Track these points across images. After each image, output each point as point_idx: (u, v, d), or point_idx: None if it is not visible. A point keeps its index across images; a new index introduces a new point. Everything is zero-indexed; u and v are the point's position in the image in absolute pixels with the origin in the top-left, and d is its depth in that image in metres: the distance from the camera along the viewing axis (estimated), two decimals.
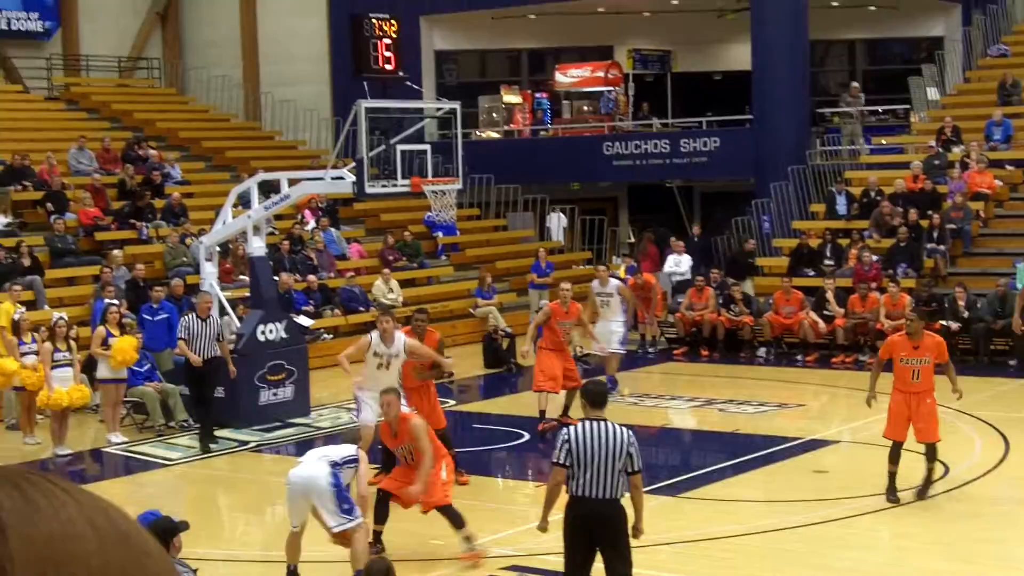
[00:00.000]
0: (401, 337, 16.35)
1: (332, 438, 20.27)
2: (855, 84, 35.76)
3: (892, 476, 15.50)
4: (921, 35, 40.05)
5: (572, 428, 10.97)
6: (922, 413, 15.42)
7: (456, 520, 13.46)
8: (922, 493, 15.45)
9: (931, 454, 15.44)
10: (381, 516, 13.50)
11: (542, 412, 19.69)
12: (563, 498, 11.03)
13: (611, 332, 22.36)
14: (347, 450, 12.85)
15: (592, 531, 10.91)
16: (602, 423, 10.87)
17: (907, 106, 35.77)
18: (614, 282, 23.22)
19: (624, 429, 10.96)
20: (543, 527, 11.52)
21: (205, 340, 19.67)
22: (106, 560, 1.19)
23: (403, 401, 14.74)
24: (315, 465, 12.55)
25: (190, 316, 20.05)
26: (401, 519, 13.75)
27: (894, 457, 15.52)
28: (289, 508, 12.80)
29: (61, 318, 20.47)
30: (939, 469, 16.57)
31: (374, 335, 16.38)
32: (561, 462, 10.78)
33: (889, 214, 28.77)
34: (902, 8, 38.13)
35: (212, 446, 19.53)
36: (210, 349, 19.74)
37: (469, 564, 13.37)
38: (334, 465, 12.49)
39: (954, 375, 16.02)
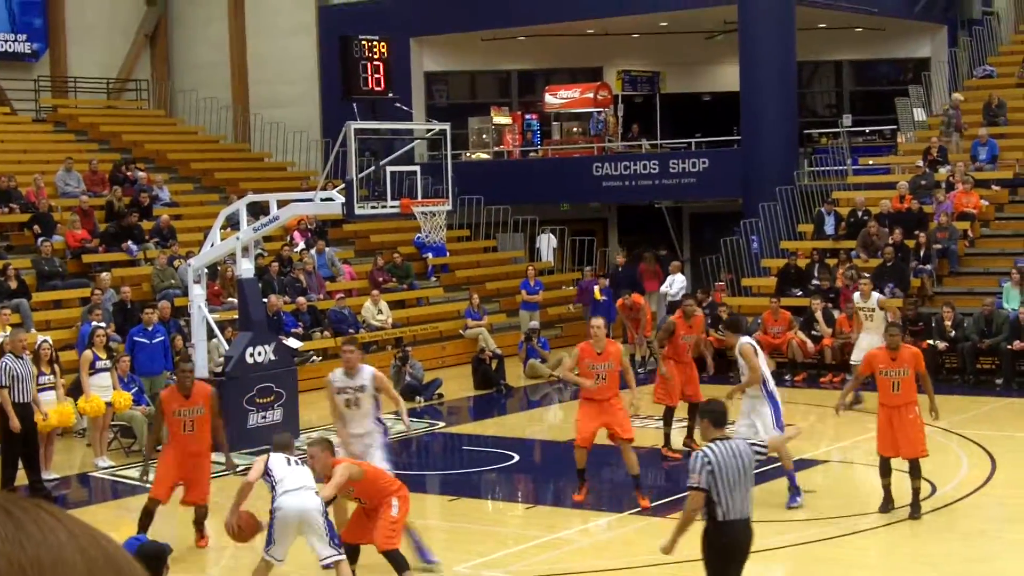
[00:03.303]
0: (369, 369, 14.92)
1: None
2: (957, 96, 34.01)
3: (887, 489, 15.64)
4: (908, 56, 40.17)
5: (710, 450, 10.47)
6: (905, 427, 15.51)
7: (399, 566, 12.79)
8: (914, 514, 15.39)
9: (915, 471, 15.38)
10: (351, 557, 13.18)
11: (580, 471, 17.00)
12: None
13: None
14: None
15: (734, 555, 10.59)
16: (732, 442, 10.64)
17: (894, 127, 35.88)
18: (876, 295, 23.45)
19: (745, 444, 10.77)
20: (669, 550, 10.94)
21: (24, 383, 18.30)
22: None
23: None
24: (308, 497, 12.31)
25: (8, 357, 18.22)
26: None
27: (884, 471, 15.67)
28: (279, 537, 12.39)
29: (45, 341, 20.38)
30: (926, 488, 16.60)
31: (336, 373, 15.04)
32: (703, 486, 10.34)
33: (876, 234, 28.84)
34: (889, 29, 38.23)
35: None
36: (28, 392, 18.26)
37: None
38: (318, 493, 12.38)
39: (931, 391, 16.04)
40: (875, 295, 23.45)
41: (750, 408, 16.80)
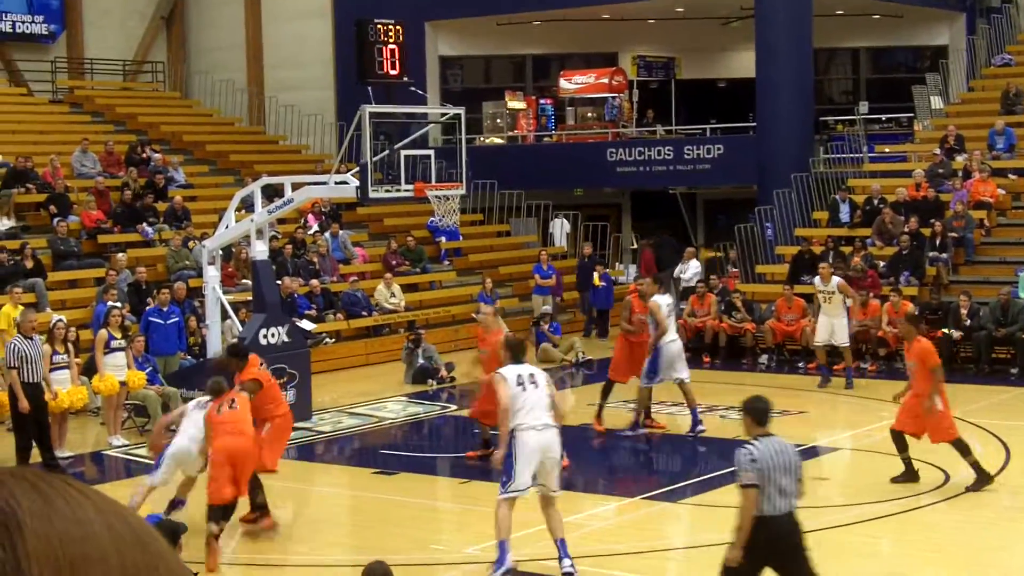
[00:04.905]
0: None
1: (333, 442, 20.42)
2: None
3: (907, 462, 16.21)
4: (925, 44, 40.03)
5: (753, 447, 10.41)
6: (927, 415, 15.91)
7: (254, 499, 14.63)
8: (974, 488, 15.92)
9: (961, 450, 15.91)
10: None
11: (485, 441, 18.18)
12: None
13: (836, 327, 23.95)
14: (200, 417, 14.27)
15: (777, 550, 10.48)
16: (776, 439, 10.58)
17: (911, 114, 35.77)
18: (836, 279, 24.02)
19: (788, 442, 10.77)
20: (736, 559, 10.44)
21: (34, 363, 18.29)
22: (122, 561, 1.20)
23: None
24: (191, 444, 14.20)
25: (17, 338, 18.54)
26: (401, 524, 13.70)
27: (899, 447, 16.18)
28: (166, 466, 14.41)
29: (60, 320, 20.44)
30: (939, 477, 16.59)
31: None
32: (756, 482, 10.26)
33: (891, 222, 28.78)
34: (907, 17, 38.11)
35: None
36: (38, 372, 18.41)
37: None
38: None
39: (938, 386, 16.10)
40: (835, 279, 24.05)
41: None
